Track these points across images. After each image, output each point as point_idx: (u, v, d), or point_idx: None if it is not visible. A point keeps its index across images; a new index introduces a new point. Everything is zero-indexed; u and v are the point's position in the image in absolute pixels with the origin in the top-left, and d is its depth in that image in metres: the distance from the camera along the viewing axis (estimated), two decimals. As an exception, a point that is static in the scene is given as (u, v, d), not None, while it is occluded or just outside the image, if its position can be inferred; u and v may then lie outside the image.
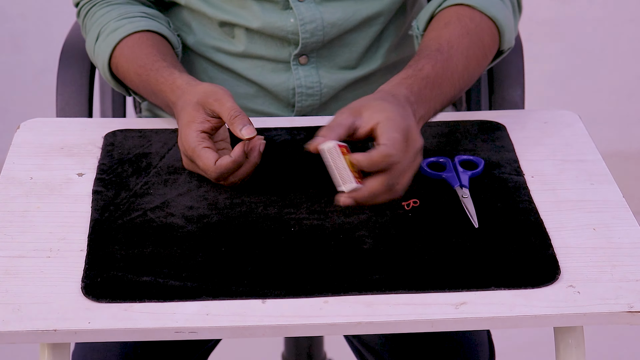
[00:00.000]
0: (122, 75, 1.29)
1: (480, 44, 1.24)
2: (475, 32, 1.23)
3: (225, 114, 1.11)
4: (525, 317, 0.97)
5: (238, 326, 0.97)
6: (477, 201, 1.12)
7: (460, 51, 1.21)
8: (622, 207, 1.12)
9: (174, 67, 1.22)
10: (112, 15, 1.30)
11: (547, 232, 1.07)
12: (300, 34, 1.30)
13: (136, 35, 1.28)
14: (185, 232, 1.07)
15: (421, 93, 1.14)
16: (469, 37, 1.23)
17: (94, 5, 1.33)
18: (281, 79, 1.34)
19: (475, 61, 1.23)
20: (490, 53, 1.26)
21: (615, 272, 1.02)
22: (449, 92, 1.19)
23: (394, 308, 0.98)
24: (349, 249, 1.05)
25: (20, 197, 1.13)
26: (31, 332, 0.96)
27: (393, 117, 1.06)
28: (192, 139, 1.12)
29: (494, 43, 1.26)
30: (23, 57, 2.56)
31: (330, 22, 1.30)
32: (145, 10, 1.32)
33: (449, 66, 1.19)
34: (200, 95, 1.14)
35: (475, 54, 1.23)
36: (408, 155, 1.06)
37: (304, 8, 1.29)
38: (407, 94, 1.13)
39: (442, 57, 1.19)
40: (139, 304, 0.98)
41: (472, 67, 1.22)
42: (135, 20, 1.29)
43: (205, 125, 1.13)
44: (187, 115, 1.14)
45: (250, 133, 1.09)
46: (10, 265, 1.03)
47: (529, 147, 1.22)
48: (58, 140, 1.24)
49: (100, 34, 1.30)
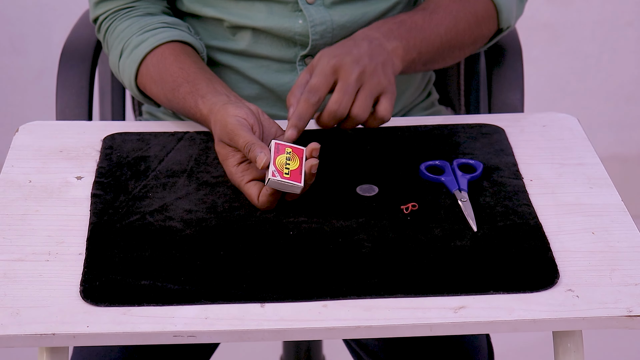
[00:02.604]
0: (151, 96, 1.30)
1: (471, 10, 1.27)
2: (468, 1, 1.28)
3: (241, 149, 1.11)
4: (524, 321, 0.97)
5: (237, 330, 0.97)
6: (476, 205, 1.12)
7: (448, 11, 1.26)
8: (621, 211, 1.11)
9: (196, 93, 1.21)
10: (134, 29, 1.30)
11: (546, 236, 1.07)
12: (311, 36, 1.30)
13: (159, 50, 1.28)
14: (184, 236, 1.07)
15: (392, 31, 1.21)
16: (460, 3, 1.27)
17: (115, 20, 1.33)
18: (286, 79, 1.34)
19: (465, 24, 1.27)
20: (485, 24, 1.28)
21: (614, 276, 1.02)
22: (434, 40, 1.24)
23: (393, 312, 0.98)
24: (348, 253, 1.05)
25: (19, 200, 1.13)
26: (30, 336, 0.95)
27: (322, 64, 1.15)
28: (233, 177, 1.13)
29: (490, 18, 1.29)
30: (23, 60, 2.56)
31: (340, 24, 1.31)
32: (165, 19, 1.32)
33: (433, 19, 1.24)
34: (218, 133, 1.15)
35: (466, 17, 1.27)
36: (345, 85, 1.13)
37: (313, 10, 1.30)
38: (370, 32, 1.20)
39: (424, 12, 1.25)
40: (137, 308, 0.98)
41: (462, 27, 1.26)
42: (157, 32, 1.29)
43: (237, 157, 1.13)
44: (218, 152, 1.15)
45: (260, 163, 1.09)
46: (9, 268, 1.03)
47: (528, 150, 1.22)
48: (57, 143, 1.23)
49: (124, 50, 1.30)
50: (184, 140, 1.24)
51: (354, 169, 1.18)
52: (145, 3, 1.33)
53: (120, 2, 1.33)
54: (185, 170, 1.18)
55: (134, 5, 1.33)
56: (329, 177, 1.17)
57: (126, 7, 1.33)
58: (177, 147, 1.23)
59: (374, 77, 1.15)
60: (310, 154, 1.10)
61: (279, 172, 1.08)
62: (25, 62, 2.56)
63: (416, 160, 1.19)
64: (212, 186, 1.15)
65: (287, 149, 1.10)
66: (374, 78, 1.15)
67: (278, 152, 1.09)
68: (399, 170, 1.18)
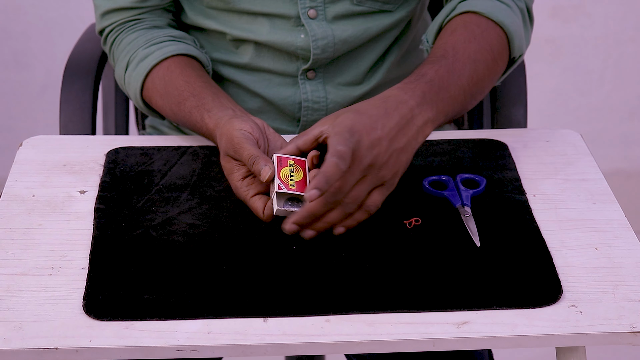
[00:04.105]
0: (157, 109, 1.30)
1: (488, 48, 1.22)
2: (482, 37, 1.22)
3: (245, 162, 1.11)
4: (527, 337, 0.97)
5: (239, 345, 0.96)
6: (479, 220, 1.12)
7: (467, 55, 1.20)
8: (624, 227, 1.11)
9: (202, 107, 1.21)
10: (140, 42, 1.31)
11: (549, 252, 1.07)
12: (312, 50, 1.30)
13: (165, 64, 1.28)
14: (187, 250, 1.07)
15: (425, 96, 1.13)
16: (476, 41, 1.22)
17: (121, 32, 1.33)
18: (288, 92, 1.34)
19: (484, 65, 1.21)
20: (501, 58, 1.24)
21: (617, 292, 1.02)
22: (458, 96, 1.17)
23: (395, 327, 0.98)
24: (351, 268, 1.05)
25: (22, 214, 1.13)
26: (32, 350, 0.95)
27: (341, 132, 1.06)
28: (238, 191, 1.13)
29: (504, 49, 1.25)
30: (26, 74, 2.57)
31: (342, 39, 1.31)
32: (172, 32, 1.32)
33: (455, 69, 1.18)
34: (223, 147, 1.14)
35: (484, 57, 1.21)
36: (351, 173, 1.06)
37: (315, 25, 1.30)
38: (404, 97, 1.12)
39: (446, 61, 1.18)
40: (140, 322, 0.98)
41: (481, 71, 1.21)
42: (163, 46, 1.30)
43: (242, 171, 1.13)
44: (224, 166, 1.15)
45: (265, 175, 1.08)
46: (12, 282, 1.03)
47: (531, 166, 1.22)
48: (60, 157, 1.24)
49: (130, 63, 1.30)
50: (187, 154, 1.24)
51: (357, 183, 1.18)
52: (152, 16, 1.34)
53: (127, 14, 1.33)
54: (189, 185, 1.18)
55: (141, 17, 1.33)
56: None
57: (133, 20, 1.33)
58: (181, 162, 1.23)
59: (381, 170, 1.09)
60: (312, 161, 1.10)
61: (285, 185, 1.08)
62: (29, 77, 2.57)
63: (419, 175, 1.19)
64: (215, 201, 1.15)
65: (289, 161, 1.10)
66: (381, 171, 1.09)
67: (281, 164, 1.09)
68: (402, 185, 1.18)
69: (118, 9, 1.33)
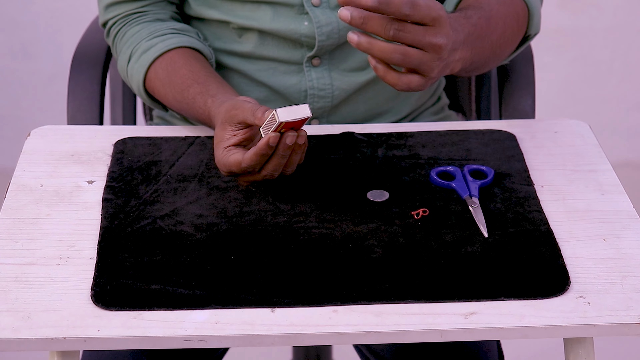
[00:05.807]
0: (160, 98, 1.30)
1: (515, 16, 1.24)
2: (512, 4, 1.24)
3: (248, 114, 1.11)
4: (535, 328, 0.97)
5: (247, 335, 0.97)
6: (487, 211, 1.12)
7: (500, 15, 1.21)
8: (632, 218, 1.11)
9: (206, 93, 1.22)
10: (143, 34, 1.31)
11: (557, 243, 1.07)
12: (317, 37, 1.30)
13: (168, 55, 1.29)
14: (195, 240, 1.07)
15: (468, 37, 1.14)
16: (506, 5, 1.23)
17: (124, 25, 1.33)
18: (293, 80, 1.34)
19: (511, 30, 1.23)
20: (521, 30, 1.26)
21: (625, 283, 1.02)
22: (487, 49, 1.18)
23: (403, 318, 0.98)
24: (358, 258, 1.05)
25: (30, 204, 1.13)
26: (41, 340, 0.96)
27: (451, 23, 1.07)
28: (221, 156, 1.13)
29: (524, 23, 1.26)
30: (34, 65, 2.57)
31: (346, 25, 1.31)
32: (175, 25, 1.32)
33: (490, 24, 1.19)
34: (223, 113, 1.15)
35: (511, 23, 1.23)
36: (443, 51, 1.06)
37: (319, 12, 1.30)
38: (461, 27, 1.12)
39: (485, 13, 1.19)
40: (148, 312, 0.98)
41: (508, 34, 1.22)
42: (166, 38, 1.30)
43: (232, 141, 1.13)
44: (215, 138, 1.15)
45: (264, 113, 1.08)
46: (20, 272, 1.03)
47: (539, 156, 1.22)
48: (68, 147, 1.24)
49: (133, 55, 1.31)
50: (195, 145, 1.24)
51: (364, 174, 1.18)
52: (155, 8, 1.34)
53: (130, 7, 1.33)
54: (196, 175, 1.18)
55: (144, 10, 1.33)
56: (340, 182, 1.17)
57: (136, 12, 1.33)
58: (188, 152, 1.23)
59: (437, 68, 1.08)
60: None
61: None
62: (36, 67, 2.58)
63: (427, 165, 1.19)
64: (223, 191, 1.15)
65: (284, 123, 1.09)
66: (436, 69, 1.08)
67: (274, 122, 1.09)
68: (410, 176, 1.18)
69: (121, 2, 1.33)
